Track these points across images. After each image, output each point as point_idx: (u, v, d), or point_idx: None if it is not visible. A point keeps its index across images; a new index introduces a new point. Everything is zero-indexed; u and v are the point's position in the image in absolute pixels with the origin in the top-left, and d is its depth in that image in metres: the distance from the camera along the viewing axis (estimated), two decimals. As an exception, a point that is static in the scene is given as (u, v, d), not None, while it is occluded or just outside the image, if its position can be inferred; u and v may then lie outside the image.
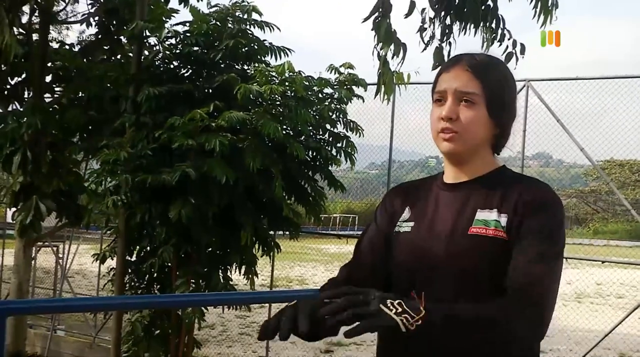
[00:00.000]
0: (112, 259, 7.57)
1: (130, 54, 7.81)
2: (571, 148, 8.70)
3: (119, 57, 8.22)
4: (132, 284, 7.57)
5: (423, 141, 11.75)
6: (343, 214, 35.67)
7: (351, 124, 7.60)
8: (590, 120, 9.66)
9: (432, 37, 4.24)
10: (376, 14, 3.83)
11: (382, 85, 4.08)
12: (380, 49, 3.82)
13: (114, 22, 8.39)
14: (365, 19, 3.88)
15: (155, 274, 7.43)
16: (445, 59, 4.19)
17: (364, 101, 7.79)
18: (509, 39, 4.08)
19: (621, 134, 10.06)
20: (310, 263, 24.05)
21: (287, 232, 7.62)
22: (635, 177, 47.90)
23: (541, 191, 1.99)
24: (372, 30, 3.85)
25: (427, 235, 2.04)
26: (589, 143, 8.53)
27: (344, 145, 7.55)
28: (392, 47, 3.72)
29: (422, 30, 4.24)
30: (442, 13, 4.18)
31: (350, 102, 7.57)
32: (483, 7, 3.97)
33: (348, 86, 7.51)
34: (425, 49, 4.05)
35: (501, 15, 4.04)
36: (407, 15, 3.84)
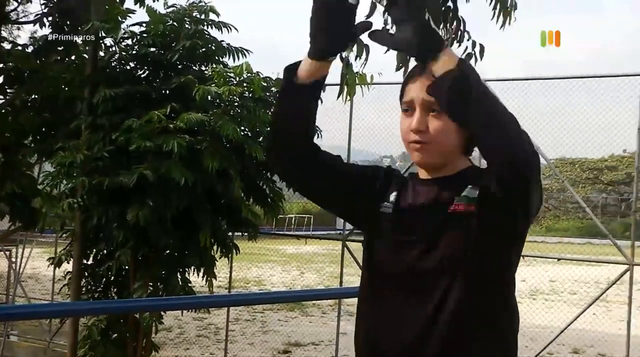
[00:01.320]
0: (68, 263, 7.48)
1: (85, 55, 7.70)
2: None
3: (73, 58, 8.11)
4: (89, 287, 7.48)
5: (377, 141, 11.81)
6: (299, 214, 35.69)
7: (309, 124, 7.59)
8: (542, 120, 9.81)
9: (394, 38, 4.22)
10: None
11: (345, 87, 4.08)
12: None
13: (68, 23, 8.25)
14: (327, 21, 3.85)
15: (113, 277, 7.37)
16: (408, 59, 4.20)
17: (322, 102, 7.77)
18: (468, 40, 4.11)
19: (572, 133, 10.23)
20: (267, 264, 23.99)
21: (246, 234, 7.60)
22: (586, 175, 48.74)
23: None
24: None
25: (406, 217, 2.06)
26: (542, 142, 8.64)
27: (302, 146, 7.54)
28: (355, 48, 3.72)
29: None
30: (403, 14, 4.17)
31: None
32: (443, 8, 3.99)
33: (306, 87, 7.50)
34: (387, 50, 4.07)
35: (461, 17, 4.07)
36: (368, 16, 3.84)
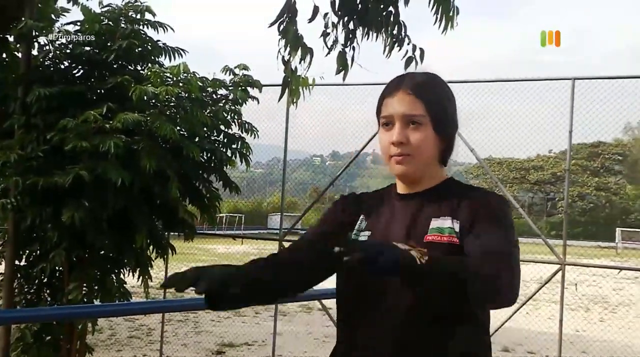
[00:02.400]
0: (0, 264, 7.34)
1: (17, 54, 7.57)
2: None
3: (4, 56, 7.96)
4: (22, 289, 7.36)
5: (308, 140, 11.91)
6: (230, 213, 35.58)
7: (246, 125, 7.64)
8: (470, 121, 10.04)
9: (336, 41, 4.32)
10: (282, 19, 3.89)
11: (287, 90, 4.13)
12: (288, 54, 3.88)
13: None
14: (272, 24, 3.93)
15: (46, 279, 7.27)
16: (349, 63, 4.27)
17: (259, 103, 7.83)
18: (408, 44, 4.21)
19: (499, 133, 10.50)
20: (198, 263, 23.79)
21: (182, 234, 7.59)
22: (514, 175, 49.82)
23: (490, 196, 2.10)
24: (279, 35, 3.90)
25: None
26: (471, 142, 8.83)
27: (238, 147, 7.58)
28: (299, 52, 3.78)
29: (325, 35, 4.32)
30: (345, 18, 4.27)
31: (246, 103, 7.60)
32: (385, 13, 4.08)
33: (243, 87, 7.54)
34: (328, 53, 4.12)
35: (402, 21, 4.17)
36: (311, 20, 3.90)
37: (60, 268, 7.03)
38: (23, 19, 7.01)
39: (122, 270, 7.33)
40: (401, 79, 2.18)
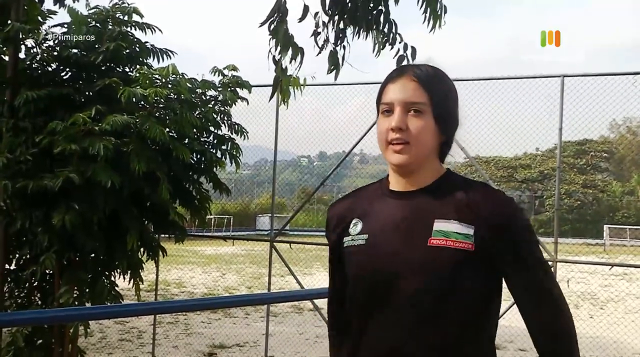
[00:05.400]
0: (-10, 268, 7.31)
1: (4, 56, 7.53)
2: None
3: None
4: (12, 293, 7.33)
5: (295, 141, 11.93)
6: (218, 215, 35.54)
7: (236, 126, 7.63)
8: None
9: (327, 41, 4.31)
10: (272, 19, 3.89)
11: (278, 90, 4.13)
12: (278, 54, 3.88)
13: (-14, 24, 8.06)
14: (262, 24, 3.92)
15: (36, 283, 7.24)
16: (340, 62, 4.27)
17: (248, 103, 7.83)
18: (400, 43, 4.22)
19: (486, 132, 10.52)
20: (187, 266, 23.85)
21: (172, 236, 7.57)
22: (501, 173, 49.97)
23: (502, 200, 2.03)
24: (269, 35, 3.89)
25: (384, 247, 2.03)
26: (460, 140, 8.85)
27: (228, 148, 7.57)
28: (289, 52, 3.78)
29: (316, 34, 4.31)
30: (336, 17, 4.27)
31: (235, 104, 7.59)
32: (375, 12, 4.09)
33: (232, 88, 7.53)
34: (319, 52, 4.12)
35: (393, 20, 4.18)
36: (301, 19, 3.91)
37: (51, 272, 7.01)
38: (9, 21, 6.97)
39: (113, 273, 7.31)
40: (406, 67, 2.14)
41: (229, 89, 7.49)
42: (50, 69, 7.35)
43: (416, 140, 2.02)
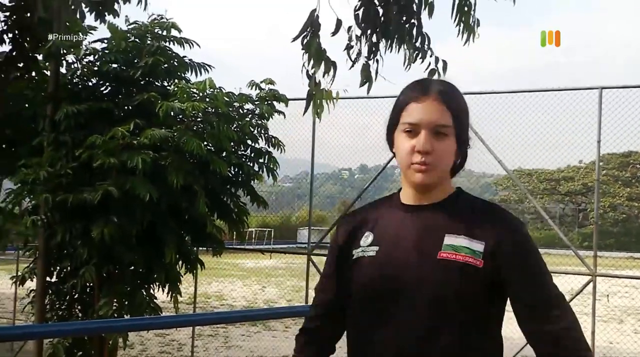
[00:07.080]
0: (32, 281, 7.41)
1: (46, 71, 7.66)
2: (482, 158, 8.92)
3: (33, 74, 8.05)
4: (53, 305, 7.42)
5: (335, 154, 11.92)
6: (258, 228, 35.59)
7: (273, 139, 7.66)
8: (499, 132, 9.97)
9: (359, 54, 4.32)
10: (305, 33, 3.91)
11: (312, 104, 4.14)
12: (311, 68, 3.89)
13: (29, 39, 8.20)
14: (295, 39, 3.94)
15: (77, 295, 7.32)
16: (373, 75, 4.28)
17: (285, 117, 7.86)
18: (431, 56, 4.21)
19: (529, 144, 10.42)
20: (227, 278, 23.95)
21: (210, 249, 7.62)
22: (543, 186, 49.45)
23: (510, 222, 2.05)
24: (302, 49, 3.91)
25: (394, 259, 2.03)
26: (500, 154, 8.78)
27: (265, 161, 7.60)
28: (322, 66, 3.79)
29: (349, 48, 4.32)
30: (369, 31, 4.28)
31: (272, 118, 7.62)
32: (407, 25, 4.09)
33: (269, 102, 7.56)
34: (352, 66, 4.13)
35: (426, 33, 4.17)
36: (334, 33, 3.92)
37: (91, 284, 7.08)
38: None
39: (151, 285, 7.36)
40: (427, 84, 2.11)
41: (266, 103, 7.53)
42: (90, 83, 7.47)
43: (440, 163, 2.03)
